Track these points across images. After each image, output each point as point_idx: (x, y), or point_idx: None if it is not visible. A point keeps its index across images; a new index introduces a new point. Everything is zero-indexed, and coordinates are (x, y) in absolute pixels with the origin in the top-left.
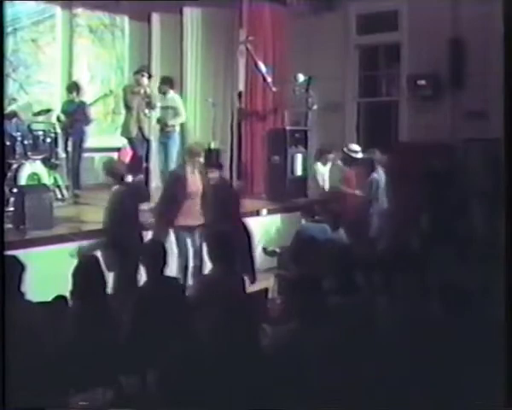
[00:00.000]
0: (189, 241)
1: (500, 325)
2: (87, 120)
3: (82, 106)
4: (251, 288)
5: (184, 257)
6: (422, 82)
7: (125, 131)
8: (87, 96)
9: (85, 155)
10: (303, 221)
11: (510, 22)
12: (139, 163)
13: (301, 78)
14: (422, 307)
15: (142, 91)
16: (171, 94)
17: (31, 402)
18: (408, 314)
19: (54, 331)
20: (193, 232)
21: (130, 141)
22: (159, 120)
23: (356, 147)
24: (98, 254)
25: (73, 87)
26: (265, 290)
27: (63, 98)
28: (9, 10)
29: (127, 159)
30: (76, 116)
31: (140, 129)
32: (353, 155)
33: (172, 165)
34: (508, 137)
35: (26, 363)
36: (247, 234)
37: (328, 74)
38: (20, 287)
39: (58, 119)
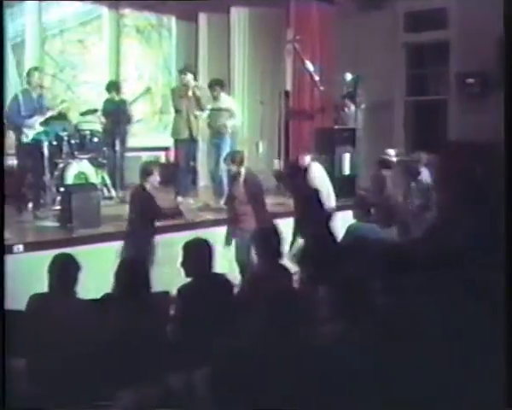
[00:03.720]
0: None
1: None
2: (128, 119)
3: (122, 105)
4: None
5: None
6: (471, 80)
7: (176, 133)
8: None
9: (133, 154)
10: (353, 220)
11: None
12: (184, 164)
13: (349, 76)
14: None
15: (189, 93)
16: (223, 95)
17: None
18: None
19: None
20: None
21: (177, 142)
22: (211, 122)
23: (392, 151)
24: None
25: (112, 86)
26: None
27: (104, 98)
28: (57, 12)
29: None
30: (116, 116)
31: (190, 130)
32: (390, 158)
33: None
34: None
35: (77, 365)
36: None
37: (375, 73)
38: (74, 286)
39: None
